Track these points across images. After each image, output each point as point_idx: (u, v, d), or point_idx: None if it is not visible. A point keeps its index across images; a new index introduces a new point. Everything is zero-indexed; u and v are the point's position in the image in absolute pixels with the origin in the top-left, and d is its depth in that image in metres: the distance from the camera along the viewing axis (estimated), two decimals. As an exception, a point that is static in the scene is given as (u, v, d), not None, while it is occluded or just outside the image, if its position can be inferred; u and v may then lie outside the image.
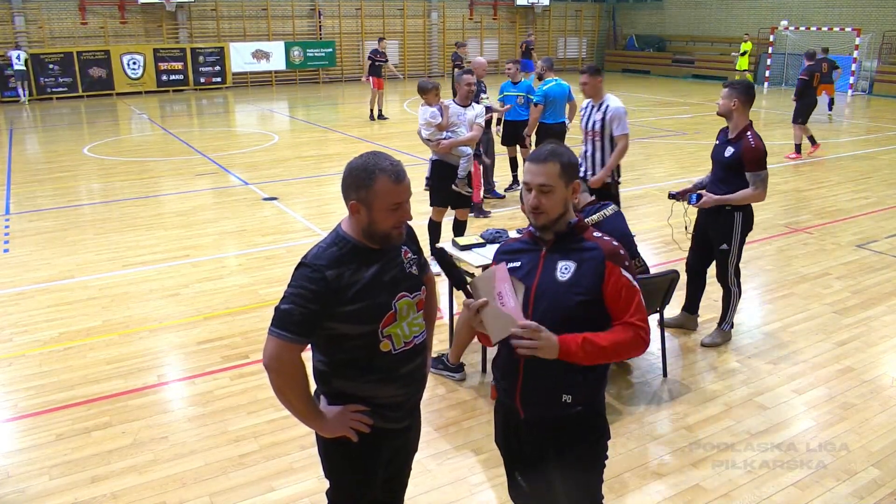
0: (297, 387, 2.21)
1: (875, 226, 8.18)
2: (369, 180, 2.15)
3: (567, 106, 8.93)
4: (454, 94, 8.85)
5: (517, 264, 2.39)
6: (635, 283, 2.31)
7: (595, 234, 2.39)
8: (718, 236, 5.04)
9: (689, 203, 5.10)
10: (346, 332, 2.21)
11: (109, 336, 5.43)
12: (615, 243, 2.35)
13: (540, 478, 2.54)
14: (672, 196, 5.21)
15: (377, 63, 16.42)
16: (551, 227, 2.37)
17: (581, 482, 2.48)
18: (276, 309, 2.18)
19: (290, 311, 2.13)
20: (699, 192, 5.06)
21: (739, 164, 4.79)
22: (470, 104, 6.63)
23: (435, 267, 3.45)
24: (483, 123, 6.63)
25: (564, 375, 2.31)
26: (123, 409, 4.41)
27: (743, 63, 22.47)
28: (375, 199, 2.16)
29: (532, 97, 8.97)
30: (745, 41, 22.72)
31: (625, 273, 2.29)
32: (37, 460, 3.88)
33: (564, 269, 2.31)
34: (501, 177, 9.90)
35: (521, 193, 2.82)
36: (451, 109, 6.50)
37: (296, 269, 2.21)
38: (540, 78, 9.20)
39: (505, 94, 9.37)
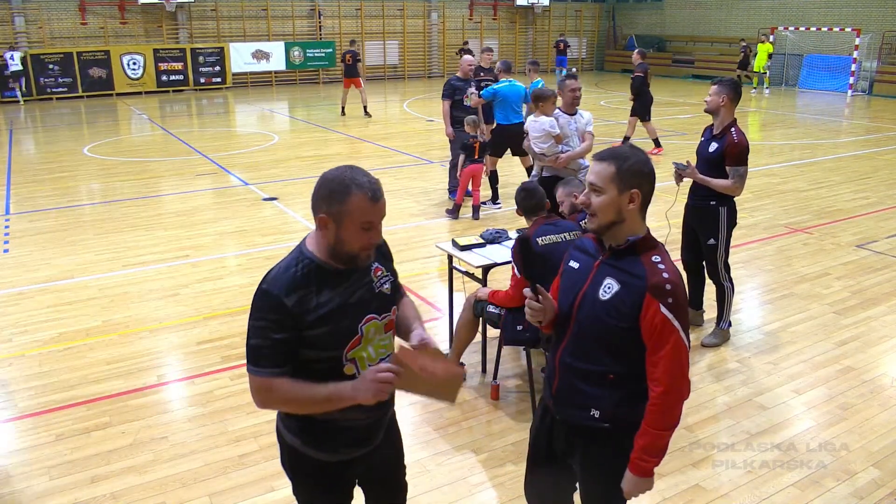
0: (297, 400, 2.11)
1: (875, 226, 8.18)
2: (344, 195, 2.01)
3: (525, 107, 8.91)
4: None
5: (576, 265, 2.36)
6: (675, 321, 2.15)
7: (654, 258, 2.22)
8: (705, 231, 5.13)
9: (674, 168, 5.11)
10: (307, 356, 2.10)
11: (109, 336, 5.43)
12: (666, 275, 2.17)
13: (563, 475, 2.56)
14: (677, 167, 5.14)
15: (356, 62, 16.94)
16: (603, 235, 2.27)
17: (603, 494, 2.44)
18: (247, 345, 2.10)
19: (259, 346, 2.05)
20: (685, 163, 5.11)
21: (722, 159, 4.91)
22: (576, 111, 6.14)
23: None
24: (593, 131, 6.16)
25: (590, 386, 2.29)
26: (123, 409, 4.41)
27: (759, 63, 22.54)
28: (347, 215, 2.01)
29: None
30: (763, 42, 22.74)
31: (663, 310, 2.14)
32: (37, 460, 3.88)
33: (607, 288, 2.23)
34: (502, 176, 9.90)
35: None
36: (560, 119, 6.03)
37: (256, 291, 2.09)
38: (495, 80, 9.21)
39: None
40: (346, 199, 2.01)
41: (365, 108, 17.33)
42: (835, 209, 8.90)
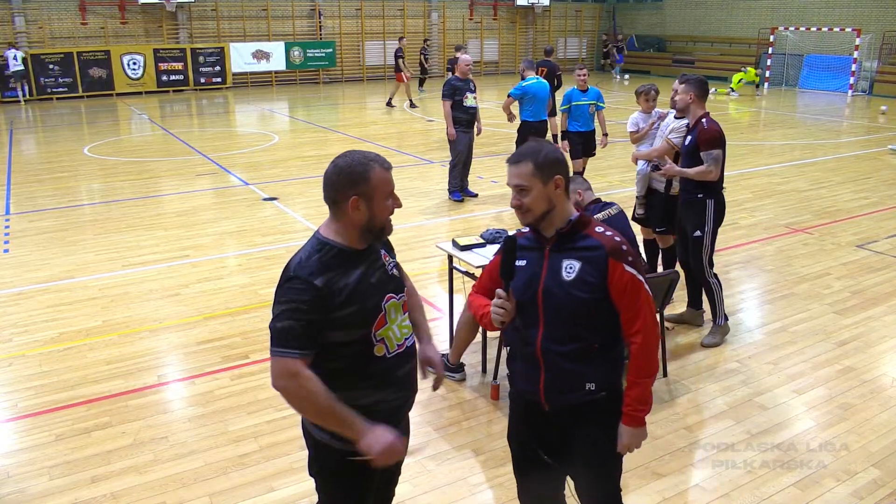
0: (318, 399, 2.11)
1: (875, 226, 8.18)
2: (366, 173, 2.16)
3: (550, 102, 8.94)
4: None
5: (522, 262, 2.42)
6: (640, 275, 2.34)
7: (598, 228, 2.39)
8: (692, 223, 5.15)
9: (651, 168, 5.18)
10: (340, 339, 2.16)
11: (109, 336, 5.43)
12: (617, 238, 2.36)
13: (561, 466, 2.57)
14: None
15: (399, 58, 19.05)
16: (540, 225, 2.40)
17: (605, 465, 2.52)
18: (273, 328, 2.12)
19: (290, 326, 2.08)
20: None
21: (698, 150, 4.94)
22: (683, 116, 5.50)
23: None
24: (675, 140, 5.51)
25: (579, 364, 2.38)
26: (123, 409, 4.40)
27: (735, 80, 22.38)
28: (375, 189, 2.18)
29: (601, 104, 8.82)
30: (745, 71, 22.66)
31: (628, 268, 2.31)
32: (37, 460, 3.88)
33: (569, 269, 2.34)
34: (502, 176, 9.90)
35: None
36: (667, 120, 5.80)
37: (282, 282, 2.16)
38: (522, 78, 9.22)
39: (573, 103, 8.67)
40: (370, 176, 2.17)
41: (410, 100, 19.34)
42: (835, 209, 8.90)
